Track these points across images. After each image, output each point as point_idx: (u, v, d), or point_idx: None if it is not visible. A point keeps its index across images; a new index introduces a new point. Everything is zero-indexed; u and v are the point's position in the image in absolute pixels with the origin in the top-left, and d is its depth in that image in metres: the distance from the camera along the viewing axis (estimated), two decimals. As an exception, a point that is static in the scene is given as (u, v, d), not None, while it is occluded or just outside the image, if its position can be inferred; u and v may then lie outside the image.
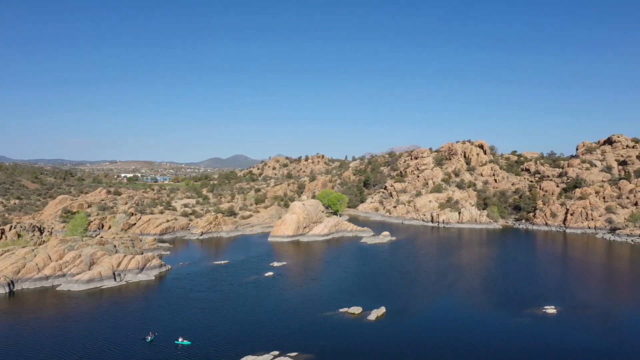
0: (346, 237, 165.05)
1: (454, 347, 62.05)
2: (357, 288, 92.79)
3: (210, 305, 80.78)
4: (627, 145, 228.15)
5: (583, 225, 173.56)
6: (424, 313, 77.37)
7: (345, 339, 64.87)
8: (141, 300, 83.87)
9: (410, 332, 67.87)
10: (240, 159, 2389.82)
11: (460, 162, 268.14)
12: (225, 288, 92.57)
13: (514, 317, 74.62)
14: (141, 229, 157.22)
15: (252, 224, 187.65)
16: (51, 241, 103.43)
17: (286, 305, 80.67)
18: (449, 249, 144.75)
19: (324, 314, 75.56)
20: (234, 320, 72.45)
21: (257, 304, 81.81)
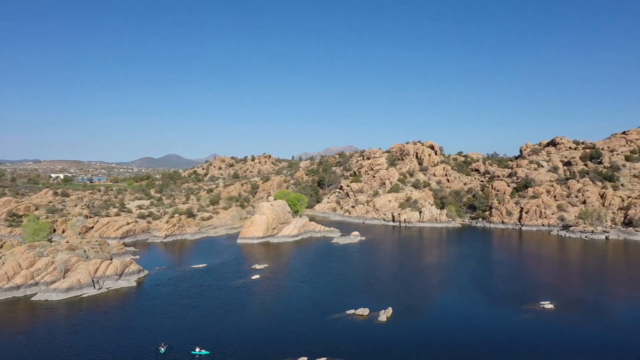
0: (315, 237, 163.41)
1: (470, 344, 62.81)
2: (352, 289, 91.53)
3: (210, 312, 76.56)
4: (569, 147, 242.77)
5: (537, 222, 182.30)
6: (430, 312, 77.44)
7: (366, 341, 63.58)
8: (132, 309, 78.01)
9: (424, 331, 67.61)
10: (174, 159, 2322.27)
11: (413, 162, 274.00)
12: (216, 293, 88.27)
13: (517, 313, 76.41)
14: (100, 233, 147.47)
15: (214, 225, 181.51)
16: (18, 247, 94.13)
17: (290, 310, 78.00)
18: (422, 248, 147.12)
19: (332, 317, 73.74)
20: (244, 327, 69.00)
21: (259, 309, 78.58)
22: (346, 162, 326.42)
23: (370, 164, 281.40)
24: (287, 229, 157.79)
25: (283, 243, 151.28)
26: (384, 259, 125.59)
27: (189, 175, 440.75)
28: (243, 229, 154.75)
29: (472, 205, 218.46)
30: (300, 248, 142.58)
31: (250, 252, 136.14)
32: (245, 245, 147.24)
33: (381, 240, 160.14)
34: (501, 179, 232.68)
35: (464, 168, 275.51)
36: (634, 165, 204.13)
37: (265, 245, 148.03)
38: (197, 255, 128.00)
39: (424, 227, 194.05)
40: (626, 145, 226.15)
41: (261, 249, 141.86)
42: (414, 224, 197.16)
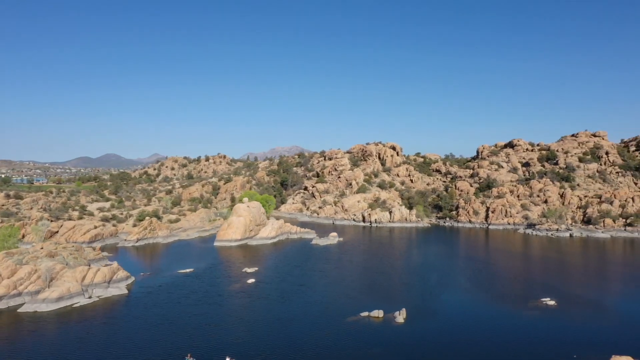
0: (291, 239, 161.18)
1: (489, 342, 63.50)
2: (355, 292, 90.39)
3: (220, 319, 73.03)
4: (526, 148, 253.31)
5: (503, 221, 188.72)
6: (442, 312, 77.41)
7: (392, 343, 62.69)
8: (134, 319, 73.07)
9: (442, 332, 67.49)
10: (113, 158, 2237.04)
11: (376, 163, 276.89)
12: (217, 299, 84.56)
13: (525, 310, 78.07)
14: (66, 237, 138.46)
15: (184, 228, 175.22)
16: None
17: (303, 314, 75.76)
18: (403, 247, 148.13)
19: (349, 320, 72.31)
20: (261, 334, 66.17)
21: (270, 315, 75.71)
22: (307, 163, 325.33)
23: (333, 164, 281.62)
24: (264, 231, 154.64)
25: (262, 245, 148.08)
26: (372, 260, 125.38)
27: (139, 175, 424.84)
28: (220, 232, 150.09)
29: (437, 205, 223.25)
30: (281, 250, 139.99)
31: (231, 255, 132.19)
32: (223, 248, 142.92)
33: (359, 240, 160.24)
34: (464, 179, 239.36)
35: (425, 169, 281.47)
36: (587, 167, 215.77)
37: (244, 247, 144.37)
38: (177, 260, 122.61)
39: (395, 227, 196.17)
40: (578, 147, 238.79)
41: (241, 251, 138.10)
42: (384, 224, 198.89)
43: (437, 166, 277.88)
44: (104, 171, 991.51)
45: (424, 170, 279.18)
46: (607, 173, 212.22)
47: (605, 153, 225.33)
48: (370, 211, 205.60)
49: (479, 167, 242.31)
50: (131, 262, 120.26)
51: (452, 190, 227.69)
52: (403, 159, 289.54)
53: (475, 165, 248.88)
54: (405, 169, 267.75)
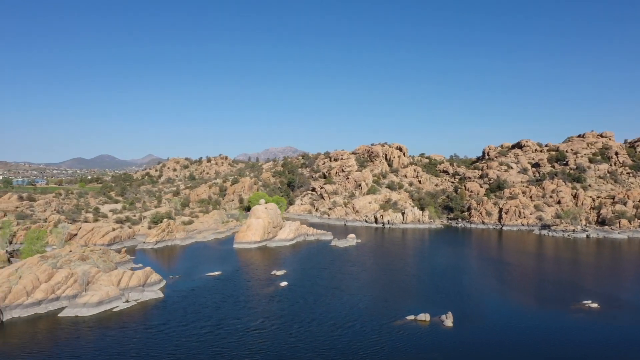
0: (309, 240, 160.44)
1: (539, 345, 63.05)
2: (392, 295, 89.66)
3: (262, 324, 72.00)
4: (535, 149, 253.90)
5: (517, 222, 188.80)
6: (488, 316, 76.83)
7: (448, 348, 62.07)
8: (178, 324, 71.66)
9: (493, 336, 66.81)
10: (107, 159, 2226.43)
11: (383, 164, 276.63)
12: (255, 304, 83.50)
13: (569, 312, 77.70)
14: (85, 240, 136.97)
15: (199, 229, 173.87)
16: (30, 259, 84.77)
17: (346, 318, 74.91)
18: (424, 249, 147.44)
19: (396, 324, 71.63)
20: (312, 340, 65.32)
21: (313, 319, 74.80)
22: (312, 164, 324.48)
23: (340, 165, 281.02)
24: (282, 233, 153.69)
25: (280, 247, 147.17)
26: (398, 262, 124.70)
27: (141, 176, 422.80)
28: (239, 233, 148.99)
29: (447, 206, 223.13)
30: (301, 252, 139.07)
31: (253, 257, 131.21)
32: (243, 250, 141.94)
33: (376, 242, 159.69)
34: (473, 180, 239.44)
35: (431, 169, 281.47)
36: (598, 167, 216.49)
37: (263, 249, 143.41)
38: (201, 262, 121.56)
39: (407, 228, 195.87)
40: (587, 148, 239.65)
41: (262, 253, 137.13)
42: (397, 225, 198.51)
43: (444, 167, 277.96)
44: (101, 172, 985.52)
45: (431, 171, 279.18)
46: (617, 174, 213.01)
47: (614, 153, 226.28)
48: (383, 212, 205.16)
49: (488, 167, 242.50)
50: (154, 265, 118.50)
51: (462, 191, 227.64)
52: (410, 159, 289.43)
53: (484, 166, 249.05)
54: (413, 170, 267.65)
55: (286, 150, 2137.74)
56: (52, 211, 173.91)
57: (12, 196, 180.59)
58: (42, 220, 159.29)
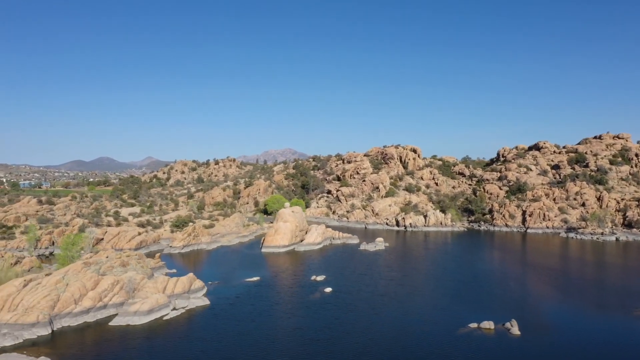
0: (336, 244, 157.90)
1: (615, 353, 61.18)
2: (444, 301, 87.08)
3: (321, 334, 69.47)
4: (553, 151, 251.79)
5: (542, 225, 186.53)
6: (552, 324, 74.45)
7: (523, 358, 59.86)
8: (237, 335, 69.03)
9: (564, 345, 64.46)
10: (107, 162, 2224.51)
11: (399, 166, 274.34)
12: (307, 312, 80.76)
13: (634, 319, 75.41)
14: (112, 244, 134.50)
15: (222, 233, 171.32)
16: (73, 265, 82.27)
17: (405, 326, 72.52)
18: (457, 253, 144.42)
19: (460, 332, 69.25)
20: (379, 350, 63.03)
21: (372, 328, 72.35)
22: (324, 166, 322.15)
23: (354, 167, 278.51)
24: (310, 237, 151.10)
25: (309, 251, 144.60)
26: (436, 266, 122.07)
27: (149, 179, 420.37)
28: (267, 237, 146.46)
29: (467, 208, 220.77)
30: (332, 256, 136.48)
31: (285, 262, 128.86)
32: (272, 254, 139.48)
33: (404, 245, 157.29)
34: (491, 182, 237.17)
35: (446, 171, 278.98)
36: (619, 169, 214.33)
37: (292, 254, 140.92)
38: (235, 267, 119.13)
39: (430, 231, 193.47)
40: (606, 149, 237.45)
41: (292, 258, 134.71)
42: (419, 228, 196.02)
43: (460, 169, 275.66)
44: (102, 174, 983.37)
45: (446, 173, 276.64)
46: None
47: (635, 155, 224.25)
48: (404, 215, 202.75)
49: (507, 169, 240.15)
50: (184, 270, 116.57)
51: (482, 194, 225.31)
52: (425, 162, 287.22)
53: (502, 167, 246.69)
54: (429, 172, 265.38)
55: (285, 152, 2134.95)
56: (73, 215, 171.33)
57: (32, 200, 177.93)
58: (63, 224, 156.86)
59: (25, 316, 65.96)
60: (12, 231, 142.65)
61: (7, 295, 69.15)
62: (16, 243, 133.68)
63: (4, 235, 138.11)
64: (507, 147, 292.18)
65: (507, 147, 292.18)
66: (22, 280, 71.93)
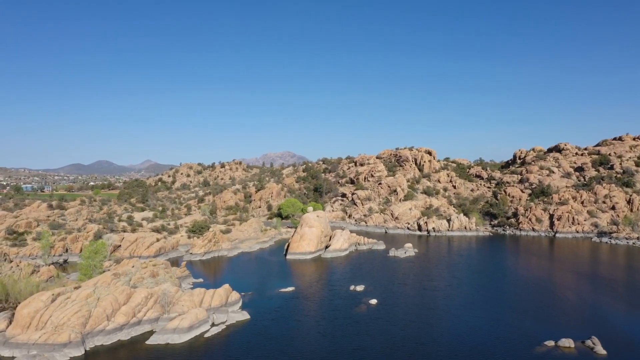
0: (362, 250, 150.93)
1: None
2: (506, 315, 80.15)
3: (385, 355, 62.72)
4: (575, 152, 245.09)
5: (571, 229, 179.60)
6: (638, 340, 67.55)
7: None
8: (300, 355, 62.46)
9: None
10: (105, 165, 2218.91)
11: (414, 169, 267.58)
12: (358, 328, 73.66)
13: None
14: (130, 251, 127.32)
15: (240, 239, 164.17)
16: (102, 277, 75.11)
17: (479, 345, 65.47)
18: (491, 259, 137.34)
19: (538, 351, 62.34)
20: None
21: (448, 347, 65.37)
22: (335, 168, 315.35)
23: (369, 170, 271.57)
24: (336, 242, 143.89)
25: (336, 258, 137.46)
26: (477, 274, 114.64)
27: (154, 183, 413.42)
28: (292, 243, 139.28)
29: (488, 212, 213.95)
30: (362, 263, 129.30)
31: (314, 269, 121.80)
32: (298, 261, 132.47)
33: (433, 251, 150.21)
34: (512, 185, 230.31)
35: (462, 174, 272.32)
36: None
37: (319, 260, 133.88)
38: (263, 276, 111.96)
39: (454, 236, 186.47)
40: (630, 151, 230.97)
41: (319, 265, 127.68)
42: (443, 233, 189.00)
43: (477, 171, 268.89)
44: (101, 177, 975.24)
45: (462, 175, 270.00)
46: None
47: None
48: (427, 219, 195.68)
49: (528, 172, 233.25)
50: (209, 278, 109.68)
51: (503, 197, 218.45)
52: (441, 164, 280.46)
53: (523, 170, 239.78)
54: (447, 175, 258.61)
55: (284, 155, 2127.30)
56: (85, 220, 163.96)
57: (42, 204, 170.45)
58: (76, 230, 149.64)
59: (56, 335, 58.84)
60: (23, 237, 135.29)
61: (35, 311, 62.00)
62: (28, 250, 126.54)
63: (15, 242, 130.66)
64: (524, 149, 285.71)
65: (524, 149, 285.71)
66: (49, 294, 64.67)
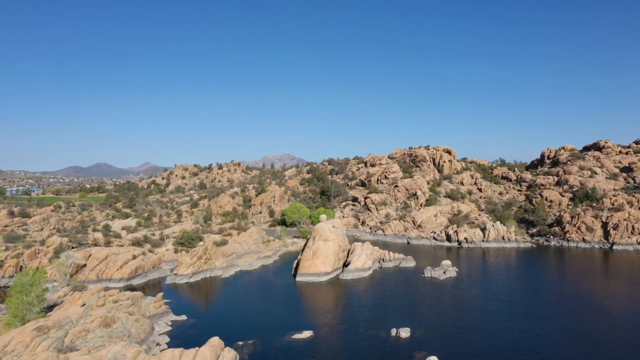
0: (387, 268, 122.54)
1: None
2: None
3: None
4: (619, 151, 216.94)
5: (631, 240, 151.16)
6: None
7: None
8: None
9: None
10: (104, 168, 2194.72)
11: (433, 170, 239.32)
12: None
13: None
14: (97, 273, 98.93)
15: (238, 253, 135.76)
16: (19, 334, 46.50)
17: None
18: (564, 281, 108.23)
19: None
20: None
21: None
22: (343, 170, 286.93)
23: (382, 171, 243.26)
24: (358, 260, 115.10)
25: (358, 280, 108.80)
26: (559, 308, 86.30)
27: (147, 185, 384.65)
28: (303, 262, 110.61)
29: (523, 219, 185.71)
30: (394, 289, 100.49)
31: (332, 299, 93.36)
32: (310, 285, 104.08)
33: (476, 270, 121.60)
34: (549, 188, 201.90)
35: (487, 175, 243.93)
36: None
37: (337, 284, 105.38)
38: (265, 310, 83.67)
39: (490, 247, 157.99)
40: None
41: (338, 291, 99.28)
42: (477, 244, 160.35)
43: (503, 172, 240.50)
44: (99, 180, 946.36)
45: (486, 177, 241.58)
46: None
47: None
48: (457, 228, 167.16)
49: (566, 173, 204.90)
50: (196, 313, 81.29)
51: (541, 202, 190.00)
52: (463, 164, 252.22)
53: (559, 171, 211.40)
54: (470, 176, 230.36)
55: (284, 158, 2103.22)
56: (52, 230, 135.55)
57: (1, 211, 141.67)
58: (38, 243, 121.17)
59: None
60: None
61: None
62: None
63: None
64: (552, 148, 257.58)
65: (552, 148, 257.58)
66: None
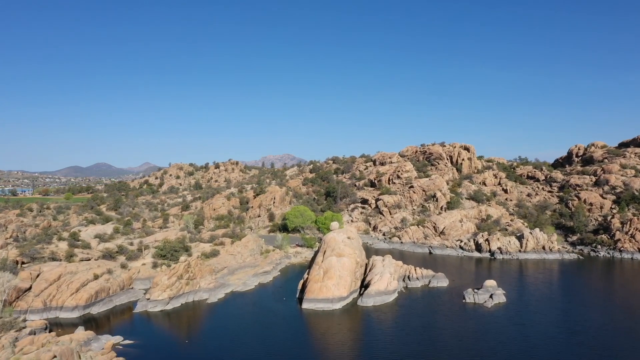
0: (414, 288, 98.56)
1: None
2: None
3: None
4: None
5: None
6: None
7: None
8: None
9: None
10: (104, 167, 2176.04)
11: (451, 169, 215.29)
12: None
13: None
14: (45, 299, 74.92)
15: (230, 267, 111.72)
16: None
17: None
18: None
19: None
20: None
21: None
22: (349, 169, 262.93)
23: (393, 170, 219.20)
24: (380, 280, 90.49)
25: (381, 307, 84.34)
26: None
27: (139, 185, 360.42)
28: (311, 283, 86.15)
29: (559, 224, 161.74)
30: (428, 322, 76.36)
31: (350, 338, 69.24)
32: (320, 316, 79.88)
33: (530, 292, 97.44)
34: (587, 189, 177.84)
35: (511, 175, 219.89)
36: None
37: (354, 314, 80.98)
38: (271, 351, 59.68)
39: (528, 259, 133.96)
40: None
41: (356, 325, 75.27)
42: (512, 255, 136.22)
43: (529, 171, 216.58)
44: (96, 180, 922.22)
45: (510, 177, 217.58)
46: None
47: None
48: (488, 236, 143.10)
49: (606, 172, 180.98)
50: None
51: (579, 205, 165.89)
52: (484, 163, 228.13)
53: (597, 170, 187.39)
54: (494, 176, 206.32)
55: (284, 158, 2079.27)
56: (7, 239, 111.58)
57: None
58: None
59: None
60: None
61: None
62: None
63: None
64: (581, 145, 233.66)
65: (581, 145, 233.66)
66: None
